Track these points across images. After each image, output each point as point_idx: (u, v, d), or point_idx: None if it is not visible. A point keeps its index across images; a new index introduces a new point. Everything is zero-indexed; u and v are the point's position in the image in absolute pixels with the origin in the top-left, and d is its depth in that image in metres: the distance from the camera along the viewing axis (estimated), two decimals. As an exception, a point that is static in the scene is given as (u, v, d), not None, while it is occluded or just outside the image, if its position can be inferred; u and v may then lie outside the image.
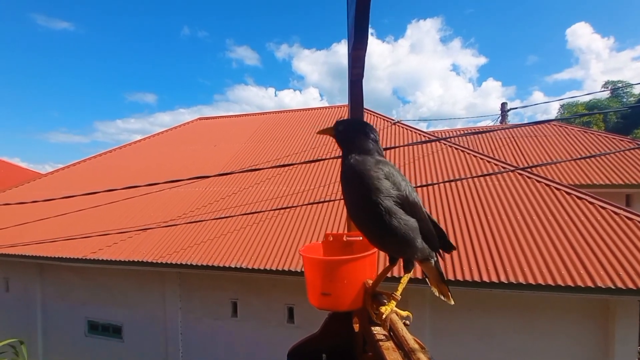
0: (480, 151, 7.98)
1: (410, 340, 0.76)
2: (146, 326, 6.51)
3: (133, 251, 5.76)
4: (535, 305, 4.73)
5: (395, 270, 3.87)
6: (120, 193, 5.79)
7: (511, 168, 6.14)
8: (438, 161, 6.85)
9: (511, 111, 14.00)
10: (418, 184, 6.04)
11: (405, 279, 0.97)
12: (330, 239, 1.29)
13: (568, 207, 5.07)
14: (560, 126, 9.98)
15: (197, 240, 5.78)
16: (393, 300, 0.95)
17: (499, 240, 4.67)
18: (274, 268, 4.92)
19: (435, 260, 1.00)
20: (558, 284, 3.95)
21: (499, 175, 5.97)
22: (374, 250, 1.10)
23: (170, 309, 6.32)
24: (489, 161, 6.57)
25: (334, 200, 5.91)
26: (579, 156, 6.99)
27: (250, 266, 5.02)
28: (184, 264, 5.30)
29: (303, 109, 11.92)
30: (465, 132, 10.71)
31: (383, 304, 0.95)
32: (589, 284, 3.89)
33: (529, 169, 6.33)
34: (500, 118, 14.02)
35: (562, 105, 28.76)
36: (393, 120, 8.96)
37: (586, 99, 26.92)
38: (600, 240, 4.42)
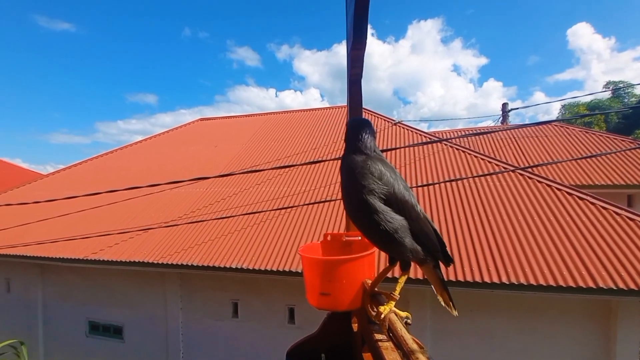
0: (481, 152, 7.97)
1: (409, 340, 0.76)
2: (147, 327, 6.51)
3: (134, 252, 5.77)
4: (537, 306, 4.72)
5: (395, 271, 3.87)
6: (121, 194, 5.80)
7: (512, 168, 6.13)
8: (439, 161, 6.85)
9: (512, 112, 14.01)
10: (419, 184, 6.04)
11: (402, 279, 0.97)
12: (329, 238, 1.29)
13: (569, 208, 5.06)
14: (562, 126, 9.96)
15: (198, 240, 5.79)
16: (392, 300, 0.95)
17: (500, 240, 4.66)
18: (274, 269, 4.91)
19: (434, 264, 0.96)
20: (559, 284, 3.94)
21: (500, 175, 5.96)
22: (372, 250, 1.10)
23: (171, 310, 6.32)
24: (489, 161, 6.56)
25: (335, 200, 5.91)
26: (580, 156, 6.97)
27: (251, 267, 5.02)
28: (185, 264, 5.30)
29: (304, 110, 11.94)
30: (467, 133, 10.70)
31: (382, 303, 0.95)
32: (591, 284, 3.87)
33: (530, 169, 6.32)
34: (501, 118, 14.01)
35: (564, 106, 28.71)
36: (394, 120, 8.96)
37: (587, 99, 26.87)
38: (602, 241, 4.41)
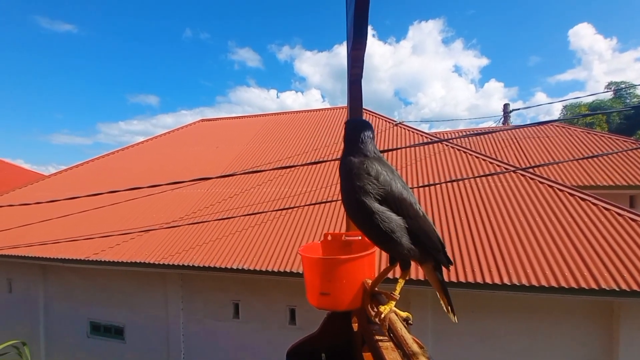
0: (483, 152, 7.96)
1: (409, 340, 0.76)
2: (148, 327, 6.52)
3: (135, 252, 5.78)
4: (538, 307, 4.70)
5: (396, 271, 3.86)
6: (122, 194, 5.81)
7: (513, 169, 6.11)
8: (440, 162, 6.84)
9: (513, 112, 13.97)
10: (420, 185, 6.03)
11: (402, 279, 0.97)
12: (329, 238, 1.29)
13: (571, 208, 5.04)
14: (563, 127, 9.94)
15: (199, 241, 5.79)
16: (392, 300, 0.94)
17: (502, 241, 4.65)
18: (276, 269, 4.91)
19: (433, 264, 0.95)
20: (561, 285, 3.92)
21: (501, 175, 5.95)
22: (372, 250, 1.10)
23: (172, 310, 6.33)
24: (491, 162, 6.55)
25: (336, 201, 5.91)
26: (582, 157, 6.94)
27: (252, 267, 5.02)
28: (186, 265, 5.31)
29: (305, 111, 11.97)
30: (468, 133, 10.68)
31: (382, 303, 0.94)
32: (593, 286, 3.86)
33: (531, 170, 6.31)
34: (502, 119, 13.98)
35: (565, 107, 28.66)
36: (395, 121, 8.96)
37: (589, 99, 26.80)
38: (604, 242, 4.39)
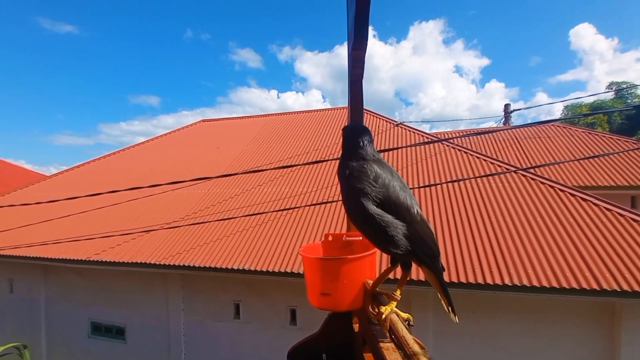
0: (484, 152, 7.95)
1: (410, 340, 0.75)
2: (149, 328, 6.52)
3: (136, 253, 5.78)
4: (540, 307, 4.69)
5: (397, 271, 3.86)
6: (123, 194, 5.83)
7: (514, 169, 6.10)
8: (441, 162, 6.83)
9: (514, 112, 13.96)
10: (421, 185, 6.02)
11: (403, 279, 0.97)
12: (330, 239, 1.29)
13: (572, 209, 5.03)
14: (564, 127, 9.92)
15: (200, 241, 5.80)
16: (393, 300, 0.94)
17: (503, 241, 4.64)
18: (276, 270, 4.91)
19: (431, 266, 0.93)
20: (563, 286, 3.91)
21: (502, 176, 5.94)
22: (373, 251, 1.10)
23: (173, 311, 6.33)
24: (492, 162, 6.54)
25: (337, 201, 5.90)
26: (583, 157, 6.93)
27: (253, 268, 5.02)
28: (187, 265, 5.31)
29: (305, 111, 11.97)
30: (469, 133, 10.67)
31: (383, 304, 0.94)
32: (594, 286, 3.84)
33: (532, 170, 6.30)
34: (503, 119, 13.96)
35: (566, 107, 28.64)
36: (396, 121, 8.95)
37: (590, 100, 26.79)
38: (606, 242, 4.38)
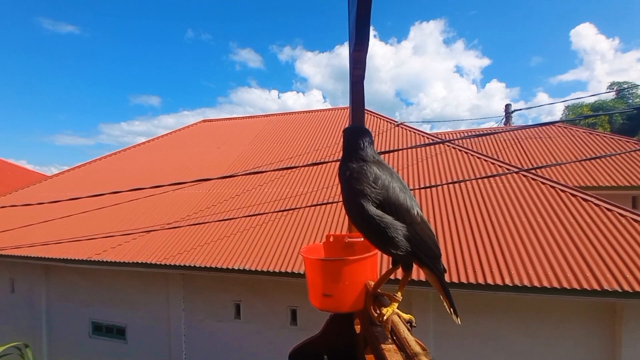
0: (485, 153, 7.94)
1: (412, 342, 0.75)
2: (150, 328, 6.53)
3: (137, 253, 5.79)
4: (541, 308, 4.69)
5: (398, 272, 3.86)
6: (124, 195, 5.83)
7: (515, 170, 6.10)
8: (442, 163, 6.83)
9: (515, 113, 13.94)
10: (421, 186, 6.02)
11: (404, 280, 0.97)
12: (331, 240, 1.29)
13: (573, 209, 5.02)
14: (565, 127, 9.91)
15: (201, 242, 5.80)
16: (394, 301, 0.94)
17: (504, 242, 4.64)
18: (277, 270, 4.92)
19: (432, 267, 0.92)
20: (563, 286, 3.91)
21: (503, 177, 5.93)
22: (375, 252, 1.10)
23: (173, 311, 6.34)
24: (493, 163, 6.53)
25: (338, 202, 5.90)
26: (584, 158, 6.93)
27: (253, 268, 5.02)
28: (187, 265, 5.32)
29: (306, 111, 11.97)
30: (469, 134, 10.66)
31: (385, 305, 0.94)
32: (595, 287, 3.84)
33: (533, 171, 6.29)
34: (504, 119, 13.95)
35: (567, 107, 28.54)
36: (396, 122, 8.95)
37: (591, 100, 26.69)
38: (607, 243, 4.38)
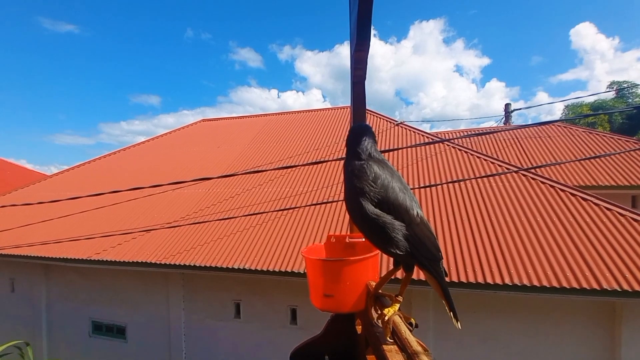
0: (484, 152, 7.94)
1: (414, 342, 0.76)
2: (150, 327, 6.53)
3: (137, 252, 5.79)
4: (540, 307, 4.69)
5: (399, 273, 3.86)
6: (124, 194, 5.83)
7: (515, 169, 6.10)
8: (441, 162, 6.83)
9: (515, 112, 13.94)
10: (421, 185, 6.02)
11: (406, 281, 0.97)
12: (332, 240, 1.29)
13: (573, 209, 5.03)
14: (565, 127, 9.91)
15: (201, 241, 5.80)
16: (396, 302, 0.94)
17: (503, 241, 4.64)
18: (277, 269, 4.92)
19: (431, 270, 0.90)
20: (563, 286, 3.91)
21: (503, 176, 5.94)
22: (376, 252, 1.10)
23: (173, 310, 6.34)
24: (492, 162, 6.54)
25: (338, 201, 5.90)
26: (584, 157, 6.92)
27: (253, 267, 5.02)
28: (187, 265, 5.32)
29: (306, 111, 11.95)
30: (469, 133, 10.66)
31: (386, 306, 0.95)
32: (595, 286, 3.85)
33: (533, 170, 6.29)
34: (504, 119, 13.95)
35: (567, 106, 28.52)
36: (396, 121, 8.94)
37: (591, 99, 26.67)
38: (606, 242, 4.38)
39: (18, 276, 7.60)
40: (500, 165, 6.41)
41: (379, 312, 0.93)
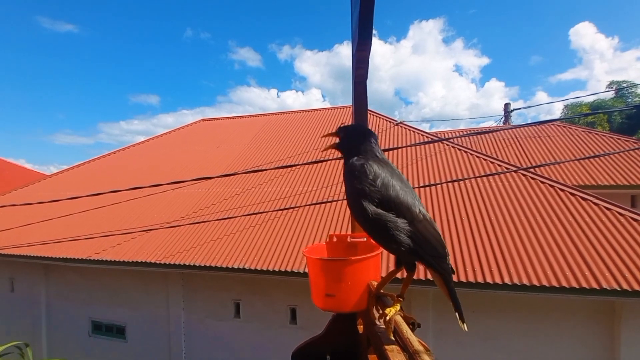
0: (484, 152, 7.95)
1: (415, 342, 0.76)
2: (149, 327, 6.53)
3: (137, 252, 5.79)
4: (540, 307, 4.70)
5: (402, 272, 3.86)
6: (124, 194, 5.82)
7: (514, 168, 6.11)
8: (441, 162, 6.83)
9: (514, 112, 13.95)
10: (421, 185, 6.03)
11: (407, 280, 0.97)
12: (334, 239, 1.29)
13: (572, 208, 5.03)
14: (564, 126, 9.92)
15: (201, 241, 5.80)
16: (397, 302, 0.95)
17: (503, 241, 4.65)
18: (277, 269, 4.92)
19: (437, 267, 0.89)
20: (563, 285, 3.92)
21: (502, 175, 5.94)
22: (378, 252, 1.10)
23: (173, 310, 6.34)
24: (492, 162, 6.54)
25: (337, 200, 5.91)
26: (583, 156, 6.94)
27: (253, 267, 5.02)
28: (187, 264, 5.31)
29: (305, 110, 11.94)
30: (468, 133, 10.67)
31: (388, 305, 0.95)
32: (594, 285, 3.85)
33: (532, 170, 6.30)
34: (503, 119, 13.96)
35: (566, 106, 28.52)
36: (396, 121, 8.95)
37: (590, 99, 26.68)
38: (605, 242, 4.39)
39: (18, 276, 7.59)
40: (499, 165, 6.41)
41: (381, 312, 0.93)
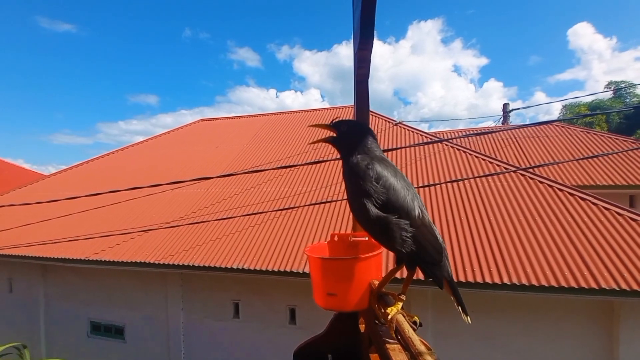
0: (482, 152, 7.96)
1: (417, 341, 0.76)
2: (148, 327, 6.51)
3: (135, 252, 5.77)
4: (539, 307, 4.71)
5: (403, 271, 3.86)
6: (122, 194, 5.80)
7: (513, 168, 6.12)
8: (440, 162, 6.84)
9: (513, 112, 13.98)
10: (420, 185, 6.03)
11: (408, 279, 0.97)
12: (335, 239, 1.29)
13: (571, 208, 5.05)
14: (563, 127, 9.95)
15: (200, 241, 5.79)
16: (399, 301, 0.95)
17: (502, 241, 4.65)
18: (276, 269, 4.91)
19: (430, 273, 0.91)
20: (561, 285, 3.93)
21: (501, 175, 5.95)
22: (379, 251, 1.10)
23: (172, 310, 6.32)
24: (491, 162, 6.55)
25: (337, 200, 5.91)
26: (582, 157, 6.95)
27: (252, 267, 5.02)
28: (186, 265, 5.30)
29: (304, 110, 11.94)
30: (467, 133, 10.69)
31: (389, 304, 0.95)
32: (593, 285, 3.86)
33: (531, 170, 6.31)
34: (502, 119, 13.99)
35: (565, 106, 28.60)
36: (395, 121, 8.96)
37: (589, 99, 26.74)
38: (604, 242, 4.40)
39: (16, 276, 7.56)
40: (498, 165, 6.43)
41: (382, 311, 0.93)
